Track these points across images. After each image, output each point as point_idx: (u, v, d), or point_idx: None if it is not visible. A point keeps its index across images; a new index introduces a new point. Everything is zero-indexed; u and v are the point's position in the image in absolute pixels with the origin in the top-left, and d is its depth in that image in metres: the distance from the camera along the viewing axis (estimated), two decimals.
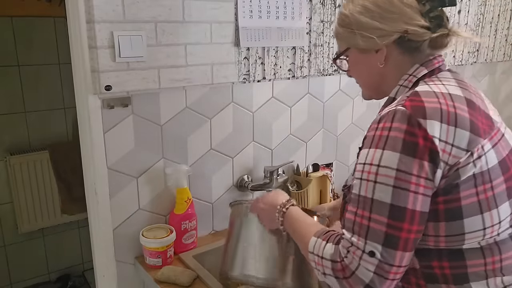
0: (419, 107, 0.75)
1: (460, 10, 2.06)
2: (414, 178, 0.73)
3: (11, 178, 2.35)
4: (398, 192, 0.73)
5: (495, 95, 2.51)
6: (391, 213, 0.73)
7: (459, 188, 0.74)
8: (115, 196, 1.26)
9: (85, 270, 2.73)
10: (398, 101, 0.80)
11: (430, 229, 0.77)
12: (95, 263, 1.32)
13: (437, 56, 0.88)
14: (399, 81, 0.87)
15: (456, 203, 0.75)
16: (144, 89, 1.21)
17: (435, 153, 0.73)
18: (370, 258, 0.74)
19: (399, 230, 0.73)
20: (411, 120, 0.74)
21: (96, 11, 1.09)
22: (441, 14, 0.85)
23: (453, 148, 0.73)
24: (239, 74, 1.39)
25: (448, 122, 0.74)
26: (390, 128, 0.75)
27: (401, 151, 0.73)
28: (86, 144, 1.23)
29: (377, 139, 0.76)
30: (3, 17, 2.23)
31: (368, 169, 0.76)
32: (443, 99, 0.77)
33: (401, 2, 0.84)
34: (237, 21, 1.34)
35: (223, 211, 1.50)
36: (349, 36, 0.90)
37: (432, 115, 0.74)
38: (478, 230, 0.76)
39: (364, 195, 0.76)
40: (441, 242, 0.77)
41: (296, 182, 1.64)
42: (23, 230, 2.45)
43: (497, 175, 0.77)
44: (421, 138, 0.72)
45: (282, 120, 1.57)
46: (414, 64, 0.87)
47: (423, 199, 0.74)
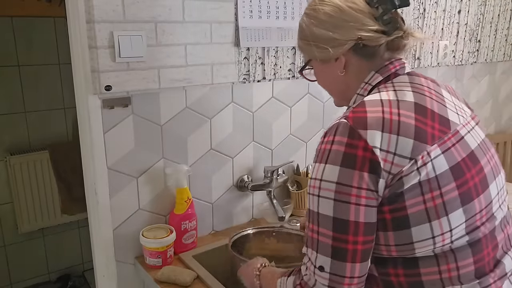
0: (360, 118, 0.75)
1: (460, 10, 2.06)
2: (354, 190, 0.73)
3: (11, 178, 2.35)
4: (339, 205, 0.74)
5: (495, 95, 2.51)
6: (335, 226, 0.74)
7: (404, 196, 0.73)
8: (115, 196, 1.26)
9: (85, 270, 2.73)
10: (344, 113, 0.81)
11: (380, 239, 0.77)
12: (95, 263, 1.32)
13: (394, 60, 0.86)
14: (357, 90, 0.87)
15: (403, 212, 0.74)
16: (144, 89, 1.21)
17: (376, 163, 0.72)
18: (321, 272, 0.77)
19: (345, 243, 0.74)
20: (351, 132, 0.74)
21: (96, 11, 1.09)
22: (395, 16, 0.84)
23: (395, 156, 0.72)
24: (239, 74, 1.39)
25: (390, 130, 0.73)
26: (333, 142, 0.76)
27: (341, 164, 0.73)
28: (86, 144, 1.23)
29: (321, 153, 0.77)
30: (3, 17, 2.23)
31: (313, 184, 0.78)
32: (388, 108, 0.76)
33: (352, 9, 0.83)
34: (237, 21, 1.34)
35: (223, 211, 1.50)
36: (307, 48, 0.91)
37: (373, 125, 0.74)
38: (427, 239, 0.74)
39: (312, 209, 0.78)
40: (393, 251, 0.77)
41: (296, 182, 1.64)
42: (23, 230, 2.45)
43: (447, 181, 0.74)
44: (360, 150, 0.73)
45: (282, 120, 1.57)
46: (372, 69, 0.86)
47: (367, 210, 0.73)
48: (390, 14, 0.83)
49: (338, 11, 0.84)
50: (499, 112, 2.57)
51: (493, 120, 2.55)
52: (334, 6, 0.85)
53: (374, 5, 0.83)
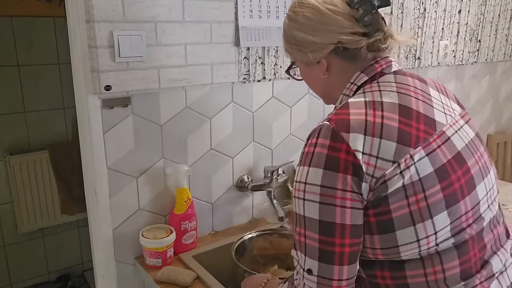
0: (343, 121, 0.75)
1: (461, 10, 2.06)
2: (339, 193, 0.72)
3: (11, 178, 2.35)
4: (324, 207, 0.73)
5: (495, 95, 2.51)
6: (321, 229, 0.74)
7: (388, 200, 0.72)
8: (115, 196, 1.26)
9: (85, 270, 2.72)
10: (328, 115, 0.80)
11: (367, 242, 0.76)
12: (95, 263, 1.32)
13: (379, 59, 0.84)
14: (343, 90, 0.87)
15: (387, 216, 0.73)
16: (144, 89, 1.21)
17: (358, 167, 0.71)
18: (309, 276, 0.76)
19: (332, 245, 0.73)
20: (334, 134, 0.74)
21: (95, 10, 1.09)
22: (376, 17, 0.82)
23: (378, 160, 0.72)
24: (239, 74, 1.39)
25: (373, 134, 0.73)
26: (316, 144, 0.75)
27: (324, 166, 0.73)
28: (86, 144, 1.22)
29: (305, 156, 0.77)
30: (3, 17, 2.23)
31: (298, 187, 0.77)
32: (371, 110, 0.76)
33: (331, 12, 0.82)
34: (237, 21, 1.34)
35: (223, 211, 1.50)
36: (291, 50, 0.91)
37: (356, 128, 0.73)
38: (411, 242, 0.73)
39: (298, 212, 0.77)
40: (379, 255, 0.76)
41: None
42: (23, 230, 2.44)
43: (432, 184, 0.73)
44: (343, 152, 0.72)
45: (282, 120, 1.57)
46: (356, 69, 0.85)
47: (353, 212, 0.73)
48: (371, 15, 0.81)
49: (317, 13, 0.83)
50: (499, 112, 2.57)
51: (493, 120, 2.55)
52: (313, 8, 0.83)
53: (355, 6, 0.81)
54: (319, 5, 0.83)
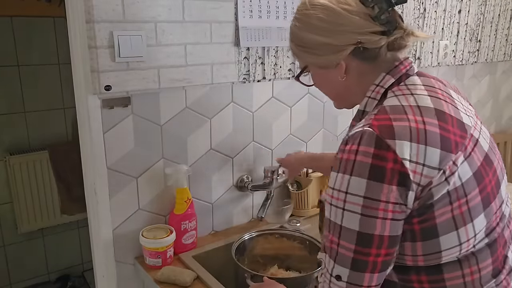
0: (387, 127, 0.71)
1: (461, 10, 2.06)
2: (382, 205, 0.70)
3: (10, 178, 2.35)
4: (366, 219, 0.71)
5: (495, 95, 2.50)
6: (359, 240, 0.72)
7: (433, 207, 0.72)
8: (115, 196, 1.26)
9: (85, 270, 2.72)
10: (365, 120, 0.76)
11: (407, 249, 0.75)
12: (95, 263, 1.32)
13: (403, 60, 0.83)
14: (367, 93, 0.83)
15: (431, 222, 0.72)
16: (144, 89, 1.21)
17: (405, 176, 0.69)
18: (337, 282, 0.75)
19: (367, 255, 0.72)
20: (379, 142, 0.70)
21: (95, 11, 1.09)
22: (393, 14, 0.79)
23: (424, 167, 0.70)
24: (239, 74, 1.39)
25: (418, 140, 0.70)
26: (357, 152, 0.71)
27: (369, 177, 0.70)
28: (86, 144, 1.22)
29: (345, 163, 0.73)
30: (3, 17, 2.23)
31: (337, 196, 0.74)
32: (411, 115, 0.73)
33: (347, 12, 0.78)
34: (237, 21, 1.34)
35: (223, 211, 1.50)
36: (303, 54, 0.86)
37: (401, 135, 0.70)
38: (454, 247, 0.74)
39: (334, 221, 0.75)
40: (419, 261, 0.76)
41: (296, 182, 1.64)
42: (23, 230, 2.44)
43: (472, 187, 0.73)
44: (390, 162, 0.69)
45: (282, 120, 1.57)
46: (378, 71, 0.82)
47: (392, 224, 0.71)
48: (387, 13, 0.78)
49: (332, 14, 0.79)
50: (499, 112, 2.57)
51: (493, 120, 2.55)
52: (327, 9, 0.80)
53: (370, 5, 0.78)
54: (333, 6, 0.79)
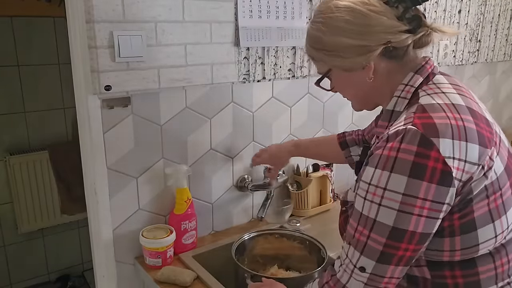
0: (430, 125, 0.72)
1: (461, 10, 2.06)
2: (419, 202, 0.71)
3: (10, 178, 2.35)
4: (402, 215, 0.72)
5: (495, 95, 2.50)
6: (391, 235, 0.73)
7: (472, 202, 0.74)
8: (115, 196, 1.26)
9: (85, 270, 2.72)
10: (405, 118, 0.76)
11: (446, 245, 0.76)
12: (95, 263, 1.32)
13: (428, 60, 0.85)
14: (396, 92, 0.83)
15: (470, 216, 0.74)
16: (144, 89, 1.21)
17: (447, 174, 0.70)
18: (361, 273, 0.77)
19: (396, 249, 0.74)
20: (422, 140, 0.71)
21: (95, 11, 1.09)
22: (417, 13, 0.81)
23: (466, 164, 0.71)
24: (239, 74, 1.39)
25: (459, 137, 0.72)
26: (399, 149, 0.72)
27: (410, 174, 0.71)
28: (86, 144, 1.22)
29: (385, 159, 0.73)
30: (3, 17, 2.23)
31: (373, 191, 0.74)
32: (450, 113, 0.74)
33: (375, 12, 0.79)
34: (237, 21, 1.34)
35: (223, 211, 1.50)
36: (327, 58, 0.85)
37: (443, 132, 0.71)
38: (490, 239, 0.76)
39: (367, 215, 0.76)
40: (456, 256, 0.77)
41: (296, 182, 1.64)
42: (23, 230, 2.44)
43: (504, 181, 0.76)
44: (432, 160, 0.70)
45: (282, 120, 1.57)
46: (406, 70, 0.83)
47: (427, 221, 0.72)
48: (412, 12, 0.80)
49: (360, 16, 0.79)
50: (499, 111, 2.57)
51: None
52: (353, 11, 0.79)
53: (394, 5, 0.79)
54: (360, 7, 0.79)
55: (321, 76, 0.90)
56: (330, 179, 1.68)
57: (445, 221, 0.74)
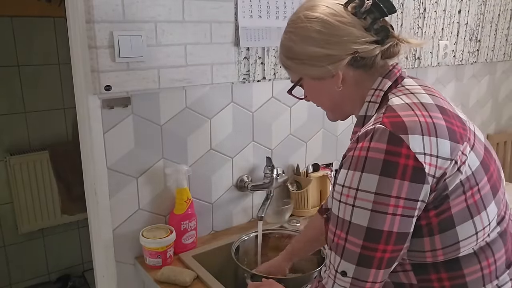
0: (399, 123, 0.73)
1: (460, 10, 2.06)
2: (392, 200, 0.71)
3: (11, 178, 2.35)
4: (375, 215, 0.72)
5: (495, 95, 2.51)
6: (367, 236, 0.73)
7: (449, 198, 0.73)
8: (115, 196, 1.26)
9: (85, 270, 2.72)
10: (375, 119, 0.78)
11: (426, 245, 0.76)
12: (95, 263, 1.32)
13: (395, 64, 0.86)
14: (366, 97, 0.85)
15: (447, 213, 0.74)
16: (144, 89, 1.21)
17: (419, 170, 0.70)
18: (343, 277, 0.76)
19: (374, 251, 0.73)
20: (391, 137, 0.71)
21: (95, 11, 1.09)
22: (385, 24, 0.83)
23: (438, 159, 0.72)
24: (239, 74, 1.39)
25: (429, 133, 0.72)
26: (369, 148, 0.73)
27: (381, 173, 0.71)
28: (86, 144, 1.23)
29: (356, 160, 0.74)
30: (3, 17, 2.23)
31: (346, 192, 0.75)
32: (418, 111, 0.75)
33: (342, 23, 0.81)
34: (237, 21, 1.34)
35: (223, 211, 1.50)
36: (298, 67, 0.88)
37: (413, 129, 0.72)
38: (471, 236, 0.75)
39: (343, 217, 0.76)
40: (439, 256, 0.76)
41: (296, 182, 1.64)
42: (23, 230, 2.44)
43: (481, 176, 0.76)
44: (402, 157, 0.70)
45: (282, 120, 1.57)
46: (374, 77, 0.85)
47: (402, 220, 0.72)
48: (380, 23, 0.82)
49: (329, 26, 0.82)
50: (499, 112, 2.57)
51: (493, 120, 2.55)
52: (323, 22, 0.82)
53: (362, 16, 0.82)
54: (329, 18, 0.82)
55: (293, 84, 0.92)
56: (330, 179, 1.68)
57: (421, 220, 0.74)
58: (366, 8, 0.82)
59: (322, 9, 0.83)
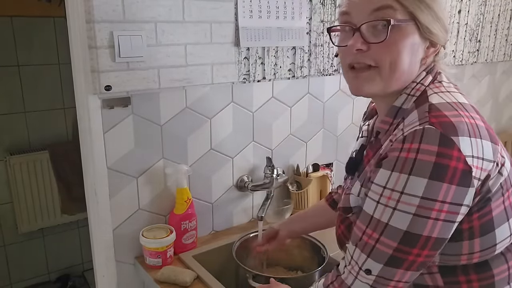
0: (448, 123, 0.69)
1: (460, 10, 2.06)
2: (437, 205, 0.68)
3: (11, 178, 2.35)
4: (417, 220, 0.69)
5: (495, 95, 2.50)
6: (403, 239, 0.70)
7: (491, 201, 0.72)
8: (115, 196, 1.26)
9: (85, 270, 2.73)
10: (419, 119, 0.73)
11: (464, 248, 0.74)
12: (95, 263, 1.32)
13: (435, 61, 0.85)
14: (406, 90, 0.80)
15: (489, 216, 0.73)
16: (144, 89, 1.21)
17: (467, 173, 0.68)
18: (367, 275, 0.75)
19: (407, 254, 0.71)
20: (443, 139, 0.67)
21: (96, 11, 1.09)
22: None
23: (484, 161, 0.70)
24: (239, 74, 1.39)
25: (475, 135, 0.70)
26: (418, 150, 0.68)
27: (430, 176, 0.67)
28: (86, 144, 1.23)
29: (402, 162, 0.69)
30: (3, 17, 2.23)
31: (388, 195, 0.71)
32: (461, 111, 0.72)
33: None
34: (237, 21, 1.34)
35: (223, 211, 1.50)
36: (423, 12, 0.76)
37: (462, 130, 0.69)
38: (506, 238, 0.75)
39: (379, 218, 0.73)
40: (474, 258, 0.75)
41: (296, 182, 1.64)
42: (23, 230, 2.45)
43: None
44: (454, 160, 0.67)
45: (282, 120, 1.57)
46: (419, 71, 0.82)
47: (443, 225, 0.69)
48: None
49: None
50: (499, 112, 2.57)
51: (493, 120, 2.55)
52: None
53: None
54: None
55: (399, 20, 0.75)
56: (330, 179, 1.68)
57: (463, 223, 0.72)
58: None
59: None
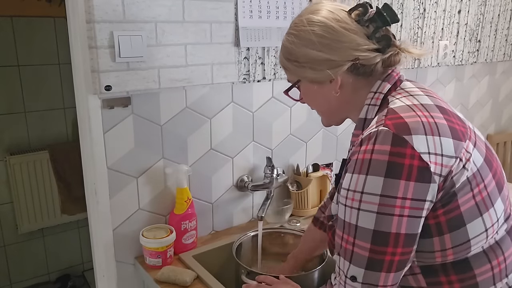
0: (401, 124, 0.73)
1: (460, 10, 2.06)
2: (399, 201, 0.71)
3: (11, 178, 2.35)
4: (382, 218, 0.72)
5: (495, 95, 2.51)
6: (374, 239, 0.73)
7: (456, 196, 0.73)
8: (115, 196, 1.26)
9: (85, 270, 2.73)
10: (376, 122, 0.78)
11: (435, 245, 0.75)
12: (95, 263, 1.32)
13: (393, 69, 0.87)
14: (366, 101, 0.85)
15: (456, 211, 0.74)
16: (144, 89, 1.21)
17: (425, 170, 0.70)
18: (353, 282, 0.76)
19: (383, 254, 0.73)
20: (395, 139, 0.71)
21: (96, 11, 1.09)
22: (387, 33, 0.83)
23: (443, 157, 0.72)
24: (239, 74, 1.39)
25: (432, 133, 0.73)
26: (373, 151, 0.73)
27: (386, 174, 0.71)
28: (86, 144, 1.23)
29: (360, 163, 0.74)
30: (3, 17, 2.23)
31: (351, 196, 0.75)
32: (419, 112, 0.76)
33: (345, 29, 0.82)
34: (237, 21, 1.34)
35: (223, 211, 1.50)
36: (297, 69, 0.88)
37: (416, 129, 0.72)
38: (481, 233, 0.75)
39: (348, 221, 0.76)
40: (449, 255, 0.76)
41: (296, 182, 1.64)
42: (23, 230, 2.45)
43: (486, 172, 0.77)
44: (407, 158, 0.70)
45: (282, 120, 1.57)
46: (372, 83, 0.85)
47: (409, 221, 0.72)
48: (382, 32, 0.83)
49: (331, 32, 0.82)
50: (499, 112, 2.57)
51: (493, 120, 2.55)
52: (326, 26, 0.82)
53: (364, 24, 0.83)
54: (332, 23, 0.82)
55: (290, 85, 0.93)
56: (330, 179, 1.68)
57: (429, 219, 0.74)
58: (369, 16, 0.82)
59: (326, 14, 0.83)
